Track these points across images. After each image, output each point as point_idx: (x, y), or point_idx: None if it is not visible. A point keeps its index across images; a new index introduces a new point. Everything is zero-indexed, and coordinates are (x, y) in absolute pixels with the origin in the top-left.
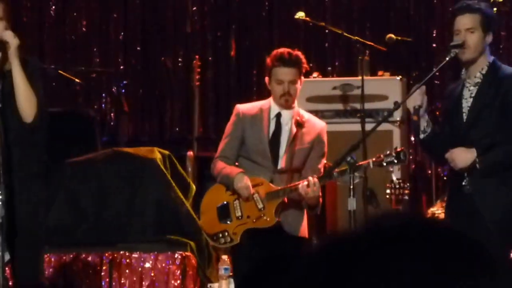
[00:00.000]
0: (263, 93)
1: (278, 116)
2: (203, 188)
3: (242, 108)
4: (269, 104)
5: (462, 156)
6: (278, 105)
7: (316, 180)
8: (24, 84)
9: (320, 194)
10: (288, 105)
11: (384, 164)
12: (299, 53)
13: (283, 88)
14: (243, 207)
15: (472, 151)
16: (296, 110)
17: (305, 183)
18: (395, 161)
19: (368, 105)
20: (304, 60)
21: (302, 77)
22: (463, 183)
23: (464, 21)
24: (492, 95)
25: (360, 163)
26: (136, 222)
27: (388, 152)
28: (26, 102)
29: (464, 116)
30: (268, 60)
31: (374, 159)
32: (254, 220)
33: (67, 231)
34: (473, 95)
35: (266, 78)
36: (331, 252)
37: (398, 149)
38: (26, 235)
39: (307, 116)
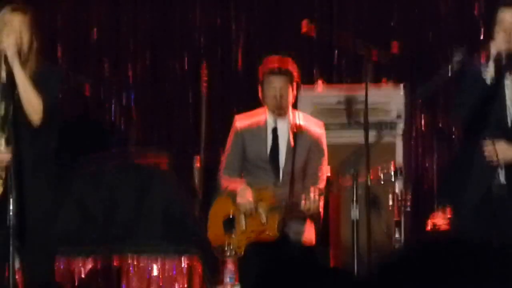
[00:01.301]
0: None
1: (275, 130)
2: (210, 198)
3: (240, 125)
4: (265, 117)
5: (508, 150)
6: (272, 113)
7: (316, 197)
8: (24, 87)
9: (321, 205)
10: (280, 112)
11: (382, 182)
12: (289, 60)
13: (275, 94)
14: (248, 220)
15: None
16: (291, 118)
17: (307, 201)
18: (392, 177)
19: (371, 118)
20: (295, 66)
21: (295, 84)
22: (497, 178)
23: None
24: None
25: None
26: (143, 229)
27: (385, 170)
28: (29, 104)
29: (507, 118)
30: (260, 68)
31: (371, 176)
32: (257, 234)
33: (75, 238)
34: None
35: (259, 87)
36: None
37: (395, 166)
38: (39, 241)
39: (303, 123)
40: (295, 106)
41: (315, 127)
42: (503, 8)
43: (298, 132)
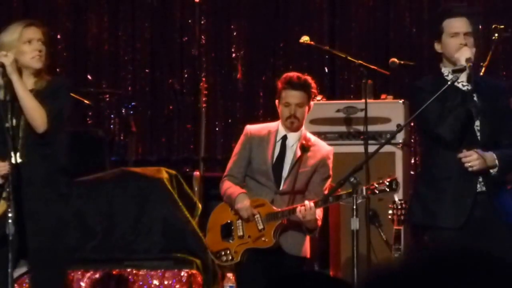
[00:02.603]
0: (268, 115)
1: (284, 138)
2: (209, 207)
3: (251, 129)
4: (277, 127)
5: (485, 156)
6: (285, 128)
7: (312, 204)
8: (25, 97)
9: (320, 216)
10: (293, 128)
11: (377, 192)
12: (308, 78)
13: (290, 110)
14: (245, 227)
15: (492, 154)
16: (303, 133)
17: (303, 207)
18: (387, 189)
19: (371, 128)
20: (313, 84)
21: (311, 102)
22: (479, 186)
23: (462, 24)
24: (491, 104)
25: (350, 191)
26: (143, 240)
27: (380, 181)
28: (31, 113)
29: (478, 127)
30: (278, 83)
31: (366, 186)
32: (254, 240)
33: (75, 249)
34: (477, 101)
35: (276, 101)
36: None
37: (390, 178)
38: (48, 254)
39: (313, 139)
40: None
41: (324, 145)
42: (451, 19)
43: (306, 146)
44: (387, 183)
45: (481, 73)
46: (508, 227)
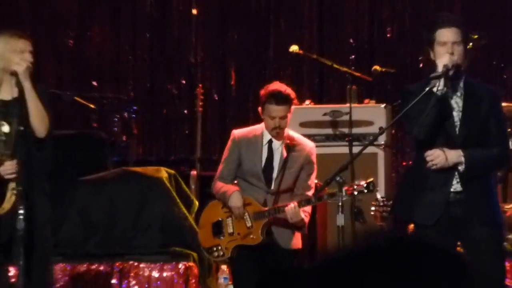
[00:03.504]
0: (258, 118)
1: (270, 142)
2: (205, 205)
3: (237, 134)
4: (262, 130)
5: (451, 154)
6: (270, 135)
7: (296, 204)
8: (36, 104)
9: (309, 212)
10: (278, 137)
11: (355, 193)
12: (290, 91)
13: (274, 123)
14: (235, 224)
15: (458, 151)
16: (286, 134)
17: (288, 207)
18: (365, 191)
19: (355, 130)
20: (294, 96)
21: (293, 108)
22: (454, 184)
23: (451, 34)
24: (477, 108)
25: (333, 191)
26: (143, 235)
27: (358, 183)
28: (38, 119)
29: (456, 126)
30: (262, 95)
31: (346, 187)
32: (243, 237)
33: (79, 244)
34: (460, 107)
35: (259, 108)
36: (326, 270)
37: (367, 180)
38: (36, 248)
39: (296, 137)
40: None
41: (307, 141)
42: (441, 29)
43: (291, 145)
44: (365, 185)
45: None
46: (489, 228)
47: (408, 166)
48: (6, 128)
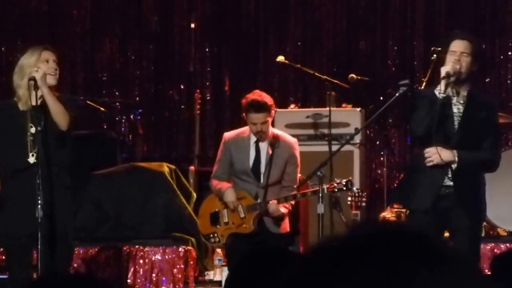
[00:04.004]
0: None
1: (257, 142)
2: (202, 196)
3: (228, 136)
4: (249, 131)
5: (445, 153)
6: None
7: (275, 201)
8: (54, 102)
9: (288, 206)
10: (262, 139)
11: (336, 190)
12: (267, 99)
13: (256, 128)
14: (230, 215)
15: (453, 151)
16: (270, 133)
17: (269, 205)
18: (344, 188)
19: (334, 131)
20: (271, 102)
21: (273, 112)
22: (446, 180)
23: (462, 45)
24: (476, 115)
25: (316, 189)
26: (148, 222)
27: (338, 181)
28: (58, 115)
29: (453, 130)
30: (244, 104)
31: (327, 186)
32: (237, 227)
33: (92, 230)
34: (461, 112)
35: (244, 114)
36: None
37: (346, 179)
38: (59, 234)
39: (279, 134)
40: (272, 124)
41: (289, 138)
42: (454, 40)
43: (275, 142)
44: (344, 183)
45: (422, 87)
46: (473, 222)
47: (408, 161)
48: (33, 130)
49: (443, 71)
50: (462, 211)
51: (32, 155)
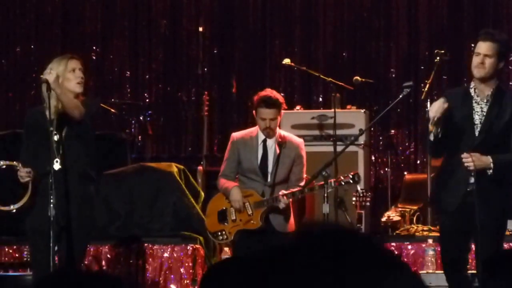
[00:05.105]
0: (255, 121)
1: (264, 141)
2: (210, 196)
3: (236, 136)
4: (257, 131)
5: (481, 159)
6: (263, 135)
7: (285, 193)
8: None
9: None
10: (270, 136)
11: (343, 183)
12: (278, 96)
13: (265, 124)
14: (237, 212)
15: (488, 158)
16: (278, 134)
17: (280, 197)
18: (351, 181)
19: (338, 132)
20: (282, 100)
21: (282, 112)
22: (471, 183)
23: (485, 47)
24: (499, 114)
25: (323, 183)
26: (157, 221)
27: (345, 175)
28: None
29: (476, 129)
30: (255, 100)
31: (334, 179)
32: (244, 223)
33: (103, 228)
34: (484, 110)
35: (254, 112)
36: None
37: (353, 173)
38: (76, 232)
39: (286, 135)
40: (278, 125)
41: (296, 138)
42: (479, 42)
43: (282, 142)
44: (351, 176)
45: (425, 89)
46: (488, 216)
47: (439, 166)
48: (56, 137)
49: (430, 114)
50: (485, 208)
51: (57, 161)
